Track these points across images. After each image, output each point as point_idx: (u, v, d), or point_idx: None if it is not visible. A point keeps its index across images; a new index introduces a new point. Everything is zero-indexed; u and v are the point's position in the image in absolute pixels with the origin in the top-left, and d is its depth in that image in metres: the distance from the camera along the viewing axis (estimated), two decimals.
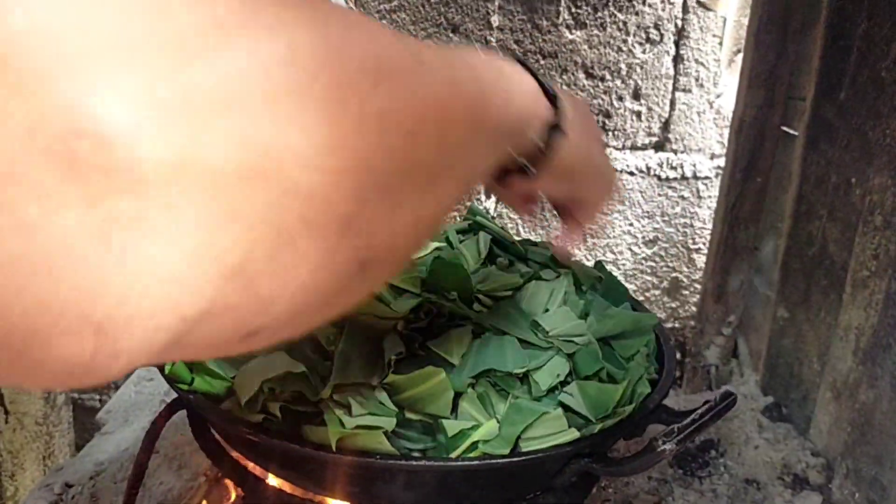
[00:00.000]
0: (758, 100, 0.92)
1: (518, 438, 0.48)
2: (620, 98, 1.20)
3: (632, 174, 1.23)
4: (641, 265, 1.28)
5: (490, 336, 0.54)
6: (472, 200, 1.26)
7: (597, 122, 1.16)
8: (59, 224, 0.16)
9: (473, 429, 0.49)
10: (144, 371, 1.08)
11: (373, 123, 0.21)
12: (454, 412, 0.50)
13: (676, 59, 1.18)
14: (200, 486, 0.82)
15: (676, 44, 1.17)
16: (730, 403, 0.51)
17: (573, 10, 1.17)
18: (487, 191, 0.49)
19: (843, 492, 0.78)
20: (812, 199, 0.92)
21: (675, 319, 1.30)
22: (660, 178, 1.23)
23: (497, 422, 0.50)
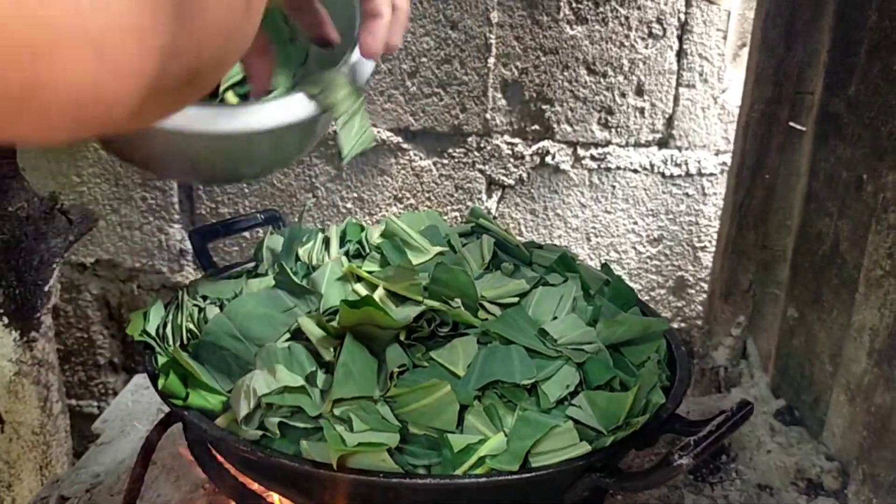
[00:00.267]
0: (765, 95, 0.90)
1: (528, 453, 0.46)
2: (623, 94, 1.18)
3: (635, 172, 1.21)
4: (646, 264, 1.26)
5: (496, 345, 0.52)
6: (474, 202, 1.24)
7: None
8: None
9: (480, 443, 0.47)
10: (141, 378, 1.06)
11: None
12: (460, 426, 0.48)
13: (680, 54, 1.16)
14: (200, 499, 0.80)
15: (680, 38, 1.15)
16: (746, 413, 0.49)
17: (574, 6, 1.15)
18: None
19: (860, 498, 0.76)
20: (821, 197, 0.90)
21: (682, 319, 1.28)
22: (664, 176, 1.21)
23: (505, 435, 0.48)
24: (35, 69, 0.19)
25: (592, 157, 1.20)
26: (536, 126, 1.20)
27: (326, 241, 0.65)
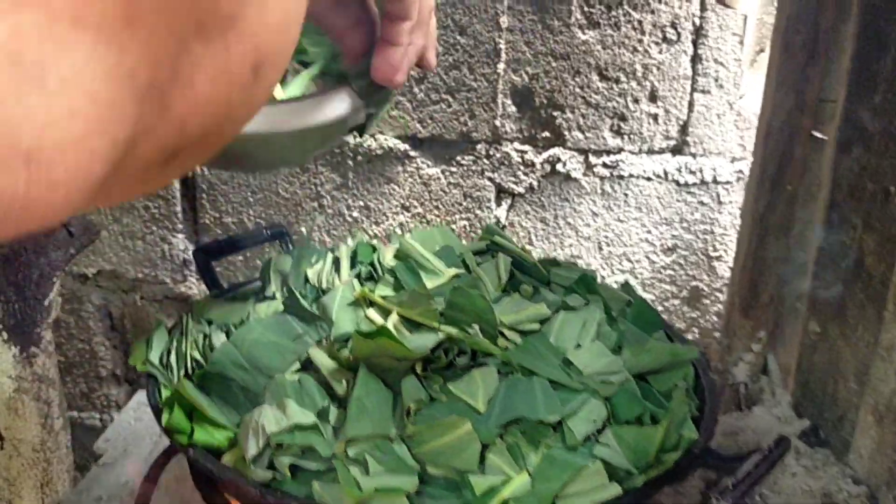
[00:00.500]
0: (787, 103, 0.87)
1: (555, 497, 0.44)
2: (636, 100, 1.15)
3: (649, 179, 1.18)
4: (660, 274, 1.23)
5: (518, 377, 0.49)
6: (483, 210, 1.21)
7: None
8: None
9: (504, 484, 0.44)
10: (144, 397, 1.03)
11: None
12: (481, 465, 0.46)
13: (694, 59, 1.13)
14: None
15: (694, 43, 1.12)
16: (784, 450, 0.46)
17: (586, 10, 1.12)
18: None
19: None
20: (845, 208, 0.87)
21: (696, 330, 1.25)
22: (678, 184, 1.18)
23: (529, 475, 0.45)
24: None
25: (604, 165, 1.17)
26: (547, 133, 1.17)
27: (336, 262, 0.62)
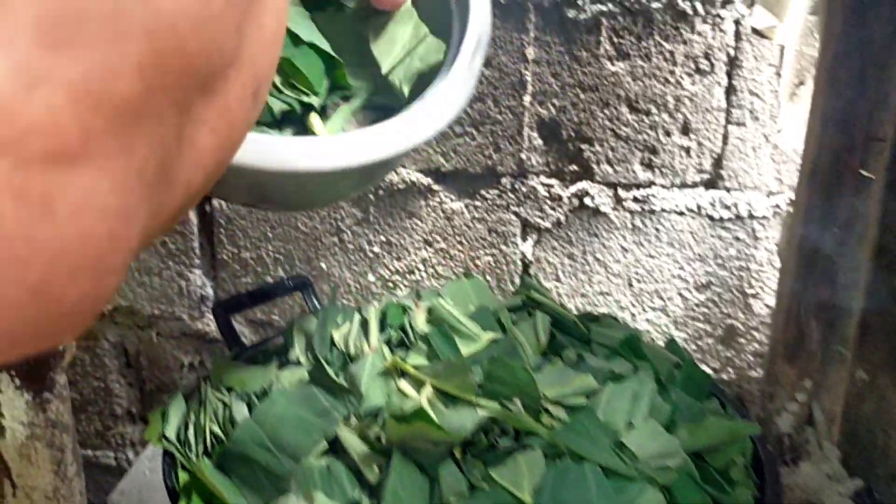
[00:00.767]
0: (834, 142, 0.83)
1: None
2: (668, 133, 1.11)
3: (681, 214, 1.14)
4: (693, 311, 1.18)
5: (567, 463, 0.45)
6: (508, 246, 1.17)
7: None
8: None
9: None
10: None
11: None
12: None
13: (729, 91, 1.09)
14: None
15: (729, 74, 1.08)
16: None
17: (615, 40, 1.08)
18: None
19: None
20: (894, 251, 0.83)
21: (731, 370, 1.20)
22: (712, 219, 1.14)
23: None
24: None
25: (635, 199, 1.13)
26: (574, 166, 1.13)
27: (364, 324, 0.58)
